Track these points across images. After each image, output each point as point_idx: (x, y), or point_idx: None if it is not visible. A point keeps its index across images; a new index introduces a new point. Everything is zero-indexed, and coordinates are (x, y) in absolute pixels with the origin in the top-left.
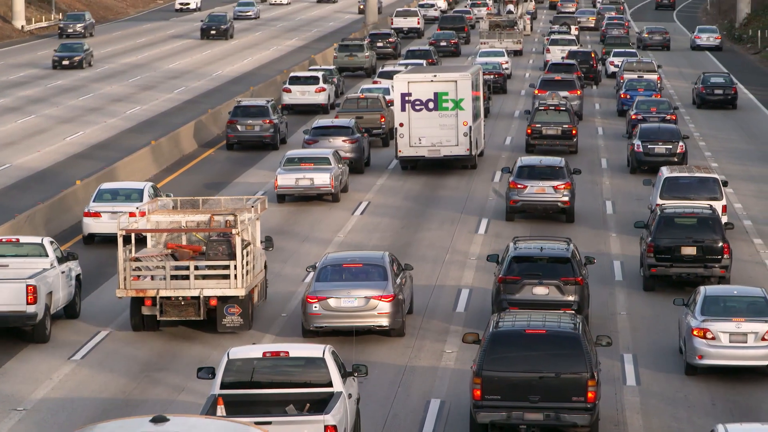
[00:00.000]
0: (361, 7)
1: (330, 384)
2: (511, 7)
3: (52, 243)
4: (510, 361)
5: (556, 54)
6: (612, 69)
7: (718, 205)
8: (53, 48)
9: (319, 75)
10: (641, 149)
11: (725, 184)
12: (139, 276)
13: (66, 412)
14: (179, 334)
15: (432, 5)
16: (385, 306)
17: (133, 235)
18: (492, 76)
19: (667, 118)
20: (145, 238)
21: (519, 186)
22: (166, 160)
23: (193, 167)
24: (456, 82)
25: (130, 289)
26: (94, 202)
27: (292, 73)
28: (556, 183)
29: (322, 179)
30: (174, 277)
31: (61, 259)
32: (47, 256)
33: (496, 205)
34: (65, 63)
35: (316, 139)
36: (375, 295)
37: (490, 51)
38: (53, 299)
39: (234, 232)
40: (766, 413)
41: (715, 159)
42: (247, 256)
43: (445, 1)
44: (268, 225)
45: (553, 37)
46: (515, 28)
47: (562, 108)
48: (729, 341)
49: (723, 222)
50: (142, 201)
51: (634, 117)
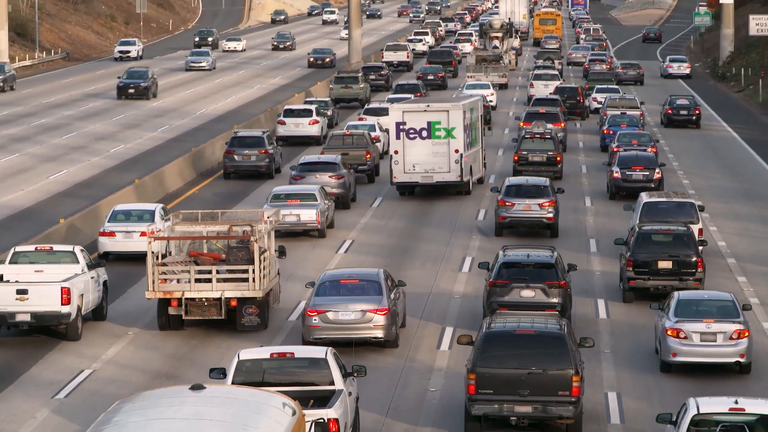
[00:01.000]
0: (311, 60)
1: (332, 383)
2: (496, 42)
3: (82, 251)
4: (501, 359)
5: (540, 89)
6: (595, 105)
7: (694, 228)
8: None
9: (313, 108)
10: (620, 175)
11: (701, 209)
12: (166, 279)
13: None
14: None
15: (420, 40)
16: (380, 319)
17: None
18: None
19: (648, 150)
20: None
21: (507, 203)
22: (150, 198)
23: (178, 205)
24: (448, 112)
25: (158, 291)
26: (108, 222)
27: (287, 106)
28: (541, 201)
29: (309, 215)
30: (198, 280)
31: (90, 266)
32: (78, 262)
33: (481, 243)
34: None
35: (303, 175)
36: (371, 309)
37: (476, 84)
38: (84, 301)
39: (252, 239)
40: None
41: (699, 197)
42: (263, 261)
43: (432, 37)
44: None
45: (536, 72)
46: (501, 62)
47: (547, 136)
48: (700, 340)
49: (697, 239)
50: (153, 221)
51: (615, 150)
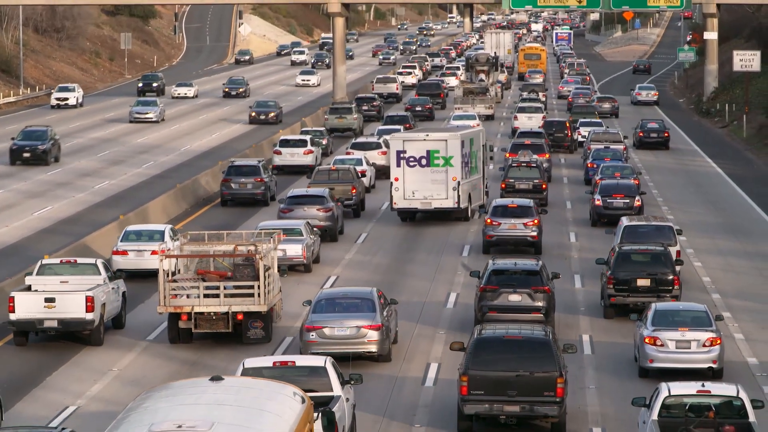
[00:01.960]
0: (252, 115)
1: (330, 389)
2: (482, 76)
3: (103, 263)
4: (491, 362)
5: (524, 121)
6: (579, 138)
7: (672, 249)
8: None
9: (308, 138)
10: (601, 203)
11: (679, 232)
12: (176, 295)
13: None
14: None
15: (410, 73)
16: (374, 334)
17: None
18: None
19: (631, 182)
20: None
21: (494, 223)
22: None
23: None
24: (446, 141)
25: (169, 306)
26: (121, 242)
27: (282, 137)
28: (525, 220)
29: (295, 250)
30: (206, 295)
31: (111, 278)
32: (100, 274)
33: (465, 280)
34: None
35: (291, 208)
36: (365, 325)
37: (462, 115)
38: (106, 310)
39: (257, 257)
40: None
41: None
42: (268, 278)
43: (420, 71)
44: None
45: (520, 105)
46: (487, 94)
47: (533, 165)
48: (675, 347)
49: (674, 259)
50: (163, 241)
51: (598, 182)
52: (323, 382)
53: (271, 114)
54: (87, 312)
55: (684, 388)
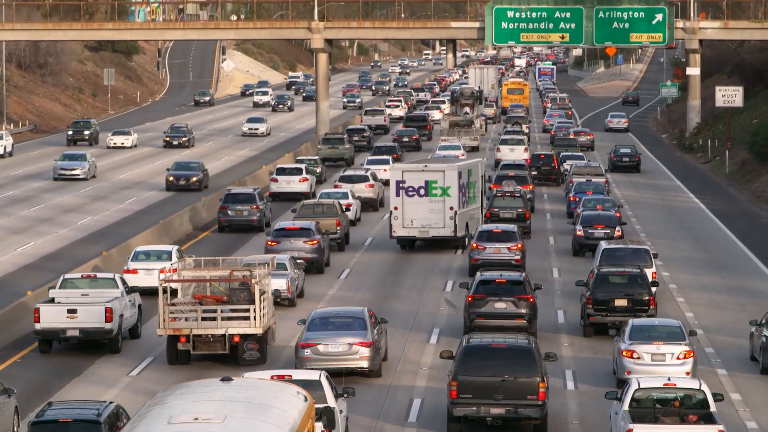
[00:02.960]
0: (170, 179)
1: (325, 401)
2: (467, 109)
3: (121, 278)
4: (479, 368)
5: (506, 153)
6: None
7: (648, 271)
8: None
9: (303, 166)
10: (582, 233)
11: (655, 256)
12: (175, 318)
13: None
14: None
15: (398, 105)
16: (365, 351)
17: (169, 285)
18: None
19: (612, 213)
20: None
21: (479, 247)
22: (117, 270)
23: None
24: (444, 172)
25: (168, 329)
26: (131, 261)
27: (279, 165)
28: (509, 245)
29: (279, 285)
30: (204, 318)
31: (127, 291)
32: (118, 287)
33: (448, 317)
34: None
35: (278, 241)
36: (357, 342)
37: (447, 145)
38: (123, 320)
39: (253, 281)
40: None
41: (666, 267)
42: (263, 302)
43: (406, 104)
44: None
45: (503, 137)
46: (472, 126)
47: (516, 195)
48: (651, 360)
49: (650, 281)
50: (170, 260)
51: (579, 213)
52: (318, 394)
53: (193, 179)
54: (106, 322)
55: (652, 382)
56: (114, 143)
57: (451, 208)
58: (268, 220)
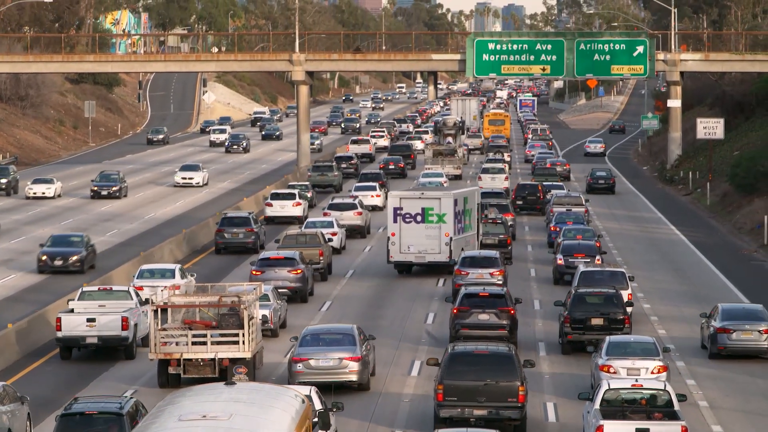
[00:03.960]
0: (43, 259)
1: (316, 415)
2: (450, 139)
3: (134, 291)
4: (463, 373)
5: (487, 182)
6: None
7: (624, 293)
8: None
9: (296, 192)
10: (563, 262)
11: (632, 279)
12: (166, 342)
13: None
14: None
15: (382, 135)
16: (354, 365)
17: (159, 309)
18: None
19: (592, 243)
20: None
21: (462, 272)
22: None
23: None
24: (440, 199)
25: (159, 353)
26: (137, 279)
27: (273, 190)
28: (491, 270)
29: (261, 315)
30: (194, 342)
31: (140, 303)
32: (132, 299)
33: (429, 349)
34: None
35: (262, 270)
36: (346, 357)
37: (430, 173)
38: (137, 329)
39: (242, 307)
40: None
41: (647, 299)
42: (251, 326)
43: (390, 135)
44: None
45: (484, 166)
46: (455, 155)
47: (498, 221)
48: (627, 374)
49: (625, 301)
50: (174, 278)
51: (560, 243)
52: None
53: (73, 257)
54: (123, 330)
55: (621, 383)
56: (33, 193)
57: (446, 235)
58: (263, 243)
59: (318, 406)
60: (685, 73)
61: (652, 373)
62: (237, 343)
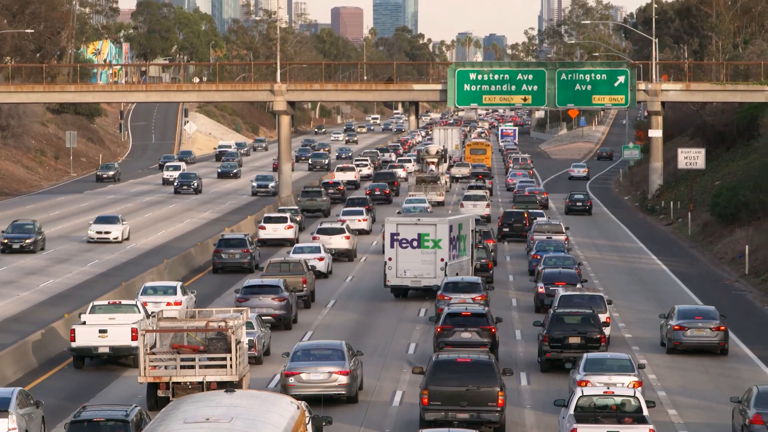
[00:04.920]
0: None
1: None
2: (432, 167)
3: (142, 304)
4: (446, 380)
5: (469, 208)
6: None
7: (602, 316)
8: None
9: (288, 215)
10: (544, 291)
11: (610, 302)
12: (155, 366)
13: None
14: None
15: (366, 164)
16: (343, 378)
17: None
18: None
19: (572, 271)
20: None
21: (445, 297)
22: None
23: None
24: (435, 225)
25: (148, 376)
26: (141, 295)
27: (266, 214)
28: (474, 295)
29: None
30: (183, 366)
31: (147, 315)
32: (139, 313)
33: (410, 378)
34: None
35: (247, 298)
36: (336, 371)
37: (414, 199)
38: (145, 341)
39: (229, 331)
40: None
41: (628, 330)
42: (239, 351)
43: (373, 164)
44: None
45: (466, 193)
46: (438, 183)
47: (480, 246)
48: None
49: (602, 322)
50: (176, 295)
51: (541, 271)
52: None
53: (27, 241)
54: (132, 340)
55: (593, 390)
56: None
57: (441, 260)
58: (258, 263)
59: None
60: (666, 103)
61: (628, 387)
62: (224, 366)
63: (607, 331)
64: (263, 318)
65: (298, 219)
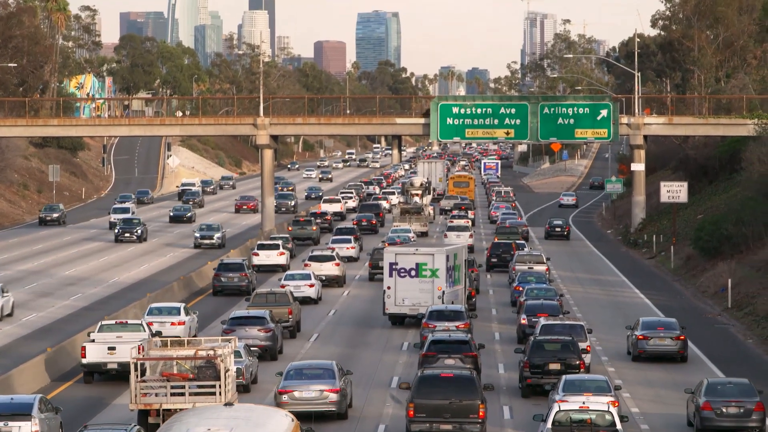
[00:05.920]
0: None
1: None
2: (416, 198)
3: (147, 324)
4: (431, 393)
5: (453, 239)
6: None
7: (583, 345)
8: None
9: (280, 243)
10: (527, 322)
11: (590, 331)
12: (146, 393)
13: None
14: None
15: (351, 197)
16: (334, 396)
17: (139, 363)
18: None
19: (554, 302)
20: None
21: (430, 325)
22: (60, 368)
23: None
24: (433, 255)
25: (139, 404)
26: (147, 315)
27: (259, 242)
28: (457, 323)
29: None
30: (173, 393)
31: (152, 334)
32: (145, 331)
33: (394, 411)
34: None
35: (233, 329)
36: (327, 388)
37: (399, 229)
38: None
39: (218, 360)
40: None
41: (611, 363)
42: (227, 378)
43: (358, 196)
44: None
45: (450, 224)
46: (422, 213)
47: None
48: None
49: (581, 349)
50: (179, 315)
51: (522, 303)
52: None
53: None
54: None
55: (570, 405)
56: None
57: (439, 288)
58: (254, 287)
59: None
60: (649, 137)
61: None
62: (214, 394)
63: (587, 359)
64: (250, 348)
65: (290, 246)
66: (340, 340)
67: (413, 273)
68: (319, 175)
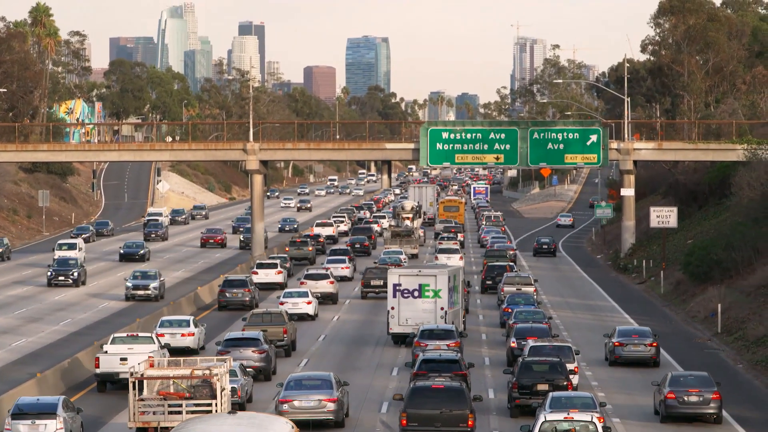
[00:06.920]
0: None
1: None
2: (407, 222)
3: (157, 336)
4: (422, 403)
5: (443, 261)
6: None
7: (570, 365)
8: None
9: (278, 262)
10: (516, 345)
11: (577, 353)
12: (144, 412)
13: None
14: None
15: (342, 221)
16: (331, 405)
17: (137, 381)
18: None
19: (543, 325)
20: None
21: (421, 344)
22: (52, 392)
23: (79, 399)
24: (435, 276)
25: (138, 422)
26: (159, 327)
27: (258, 261)
28: (448, 342)
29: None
30: (171, 412)
31: (161, 347)
32: (154, 343)
33: (388, 419)
34: None
35: (228, 350)
36: (325, 398)
37: (390, 251)
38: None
39: (215, 379)
40: None
41: (602, 388)
42: (223, 397)
43: (350, 220)
44: None
45: (440, 246)
46: (412, 236)
47: None
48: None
49: (568, 370)
50: (189, 327)
51: (512, 325)
52: None
53: None
54: (149, 368)
55: (555, 416)
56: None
57: (441, 308)
58: (257, 302)
59: None
60: (639, 162)
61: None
62: (210, 412)
63: (575, 379)
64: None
65: (287, 266)
66: (335, 356)
67: (416, 293)
68: (298, 204)
